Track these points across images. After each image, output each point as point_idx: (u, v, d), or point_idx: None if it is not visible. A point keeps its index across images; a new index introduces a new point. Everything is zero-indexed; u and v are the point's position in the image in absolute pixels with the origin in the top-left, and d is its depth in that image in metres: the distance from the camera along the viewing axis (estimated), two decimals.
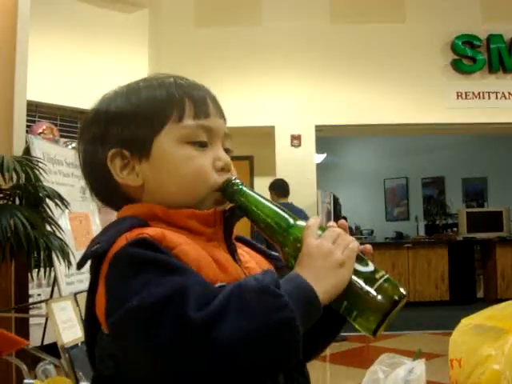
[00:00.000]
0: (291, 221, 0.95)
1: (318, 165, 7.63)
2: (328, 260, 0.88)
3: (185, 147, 0.97)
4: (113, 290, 0.85)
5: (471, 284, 9.42)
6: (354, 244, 0.91)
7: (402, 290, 0.88)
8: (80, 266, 0.92)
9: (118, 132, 0.99)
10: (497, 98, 7.42)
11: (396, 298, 0.87)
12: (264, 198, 0.98)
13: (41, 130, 4.74)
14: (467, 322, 1.43)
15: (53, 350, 2.59)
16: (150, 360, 0.80)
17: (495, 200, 11.57)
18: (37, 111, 5.61)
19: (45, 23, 5.53)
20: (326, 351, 1.05)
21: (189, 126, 0.97)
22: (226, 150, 1.03)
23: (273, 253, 1.09)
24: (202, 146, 0.98)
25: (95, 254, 0.89)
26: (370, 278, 0.88)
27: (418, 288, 8.79)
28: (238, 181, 0.98)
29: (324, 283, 0.86)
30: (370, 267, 0.90)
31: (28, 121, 3.89)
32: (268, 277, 0.84)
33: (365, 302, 0.87)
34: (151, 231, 0.87)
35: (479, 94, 7.41)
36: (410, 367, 1.22)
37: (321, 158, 10.11)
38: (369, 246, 0.95)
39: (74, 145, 4.23)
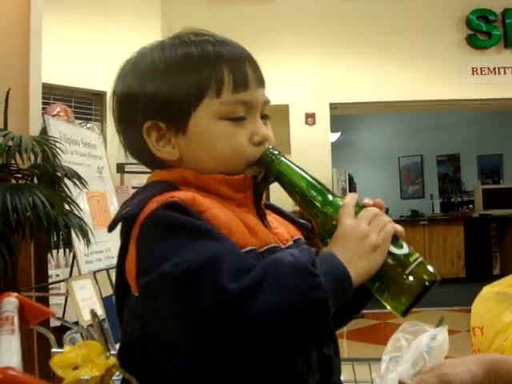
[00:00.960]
0: (329, 197, 0.94)
1: (332, 143, 7.60)
2: (363, 243, 0.88)
3: (222, 123, 0.96)
4: (144, 252, 0.86)
5: (487, 261, 9.40)
6: (389, 226, 0.91)
7: (434, 273, 0.89)
8: (111, 229, 0.94)
9: (152, 98, 0.97)
10: None
11: (427, 283, 0.87)
12: (302, 170, 0.97)
13: (55, 112, 4.75)
14: (489, 290, 1.43)
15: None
16: (180, 326, 0.81)
17: (511, 177, 11.49)
18: (51, 93, 5.62)
19: (58, 4, 5.52)
20: (343, 328, 1.06)
21: (227, 102, 0.96)
22: (265, 117, 1.02)
23: (301, 220, 1.09)
24: (240, 119, 0.97)
25: (126, 217, 0.90)
26: (403, 261, 0.89)
27: (434, 265, 8.73)
28: (276, 151, 0.97)
29: (358, 266, 0.86)
30: (405, 249, 0.90)
31: (42, 103, 3.89)
32: (305, 254, 0.84)
33: (397, 284, 0.88)
34: (182, 195, 0.88)
35: (494, 69, 7.33)
36: (432, 334, 1.21)
37: (335, 136, 10.07)
38: (400, 229, 0.94)
39: (89, 125, 4.25)
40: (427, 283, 0.87)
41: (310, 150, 6.93)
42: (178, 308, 0.79)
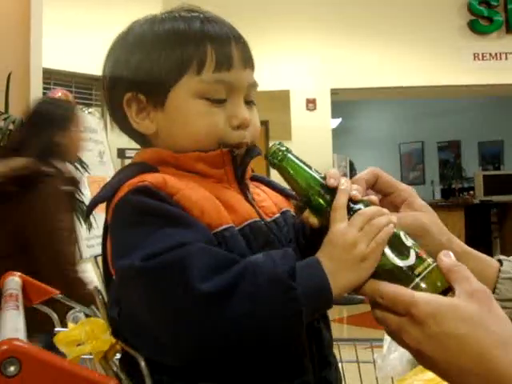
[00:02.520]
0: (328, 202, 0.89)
1: (333, 129, 7.60)
2: (350, 253, 0.83)
3: (200, 102, 0.93)
4: (116, 238, 0.87)
5: (488, 247, 9.40)
6: (384, 233, 0.85)
7: (443, 285, 0.81)
8: (87, 214, 0.94)
9: (135, 69, 0.96)
10: None
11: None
12: (308, 170, 0.92)
13: (56, 97, 4.75)
14: None
15: None
16: (149, 318, 0.80)
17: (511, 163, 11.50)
18: (52, 78, 5.61)
19: None
20: (344, 313, 1.05)
21: (207, 80, 0.93)
22: (249, 102, 0.99)
23: (292, 192, 1.05)
24: (220, 102, 0.94)
25: (98, 202, 0.91)
26: (407, 274, 0.82)
27: None
28: (283, 147, 0.93)
29: (341, 277, 0.82)
30: (411, 259, 0.83)
31: (43, 88, 3.89)
32: (286, 262, 0.81)
33: None
34: (152, 178, 0.86)
35: (496, 54, 7.31)
36: None
37: (336, 122, 10.06)
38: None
39: (90, 110, 4.25)
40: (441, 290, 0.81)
41: (311, 136, 6.93)
42: (147, 302, 0.79)
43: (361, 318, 5.50)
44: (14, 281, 1.00)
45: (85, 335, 0.81)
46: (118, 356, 0.92)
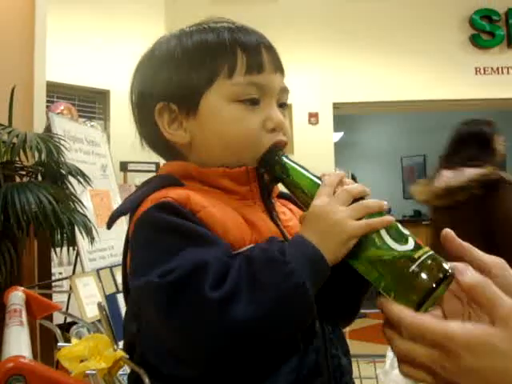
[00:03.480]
0: None
1: (335, 143, 7.60)
2: (331, 225, 0.83)
3: (234, 106, 0.93)
4: (136, 253, 0.87)
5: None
6: (377, 221, 0.83)
7: (443, 270, 0.80)
8: (109, 225, 0.93)
9: (166, 82, 0.96)
10: None
11: (433, 284, 0.79)
12: (306, 173, 0.92)
13: (59, 110, 4.76)
14: None
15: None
16: (167, 334, 0.81)
17: None
18: (55, 91, 5.63)
19: (62, 3, 5.53)
20: (345, 328, 1.04)
21: (239, 83, 0.93)
22: (282, 105, 0.99)
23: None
24: (253, 103, 0.94)
25: (121, 214, 0.91)
26: (408, 257, 0.81)
27: None
28: (280, 152, 0.93)
29: (328, 242, 0.82)
30: (409, 245, 0.83)
31: (46, 101, 3.90)
32: (273, 245, 0.83)
33: (402, 283, 0.81)
34: (175, 194, 0.86)
35: (498, 69, 7.32)
36: None
37: (338, 136, 10.06)
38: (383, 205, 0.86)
39: (93, 123, 4.25)
40: (433, 284, 0.79)
41: (313, 150, 6.93)
42: (164, 317, 0.79)
43: (363, 332, 5.48)
44: (18, 296, 1.00)
45: (88, 351, 0.81)
46: (121, 372, 0.92)
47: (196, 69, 0.95)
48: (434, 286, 0.79)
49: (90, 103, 6.18)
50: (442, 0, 7.29)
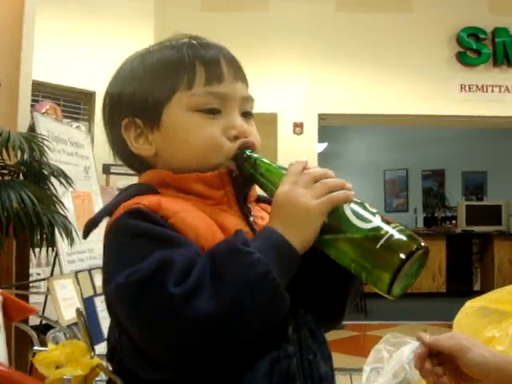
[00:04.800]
0: None
1: (319, 154, 7.62)
2: (294, 207, 0.83)
3: (195, 116, 0.94)
4: (107, 260, 0.88)
5: (468, 277, 9.46)
6: (338, 194, 0.85)
7: (411, 243, 0.79)
8: (85, 235, 0.94)
9: (130, 98, 0.98)
10: (500, 91, 7.39)
11: (403, 255, 0.77)
12: (274, 168, 0.93)
13: (44, 110, 4.72)
14: (471, 305, 1.44)
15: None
16: (137, 333, 0.81)
17: (494, 194, 11.58)
18: (40, 91, 5.59)
19: (51, 3, 5.50)
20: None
21: (198, 93, 0.94)
22: (246, 114, 1.00)
23: None
24: (214, 113, 0.95)
25: (94, 222, 0.92)
26: (372, 236, 0.80)
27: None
28: (247, 150, 0.94)
29: (295, 227, 0.82)
30: (375, 222, 0.82)
31: (31, 100, 3.87)
32: (237, 237, 0.82)
33: (369, 262, 0.80)
34: (147, 201, 0.87)
35: (483, 86, 7.39)
36: (414, 346, 1.22)
37: (322, 146, 10.10)
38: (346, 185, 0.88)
39: (77, 124, 4.23)
40: (403, 255, 0.77)
41: (297, 159, 6.93)
42: (132, 316, 0.80)
43: (340, 343, 5.49)
44: None
45: (65, 357, 0.80)
46: (98, 379, 0.91)
47: (157, 83, 0.97)
48: (404, 258, 0.77)
49: (75, 104, 6.15)
50: (430, 17, 7.35)
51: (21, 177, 2.71)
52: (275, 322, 0.82)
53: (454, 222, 10.33)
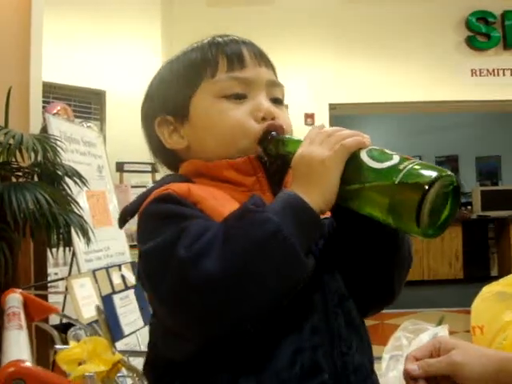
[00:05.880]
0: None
1: None
2: (310, 163, 0.82)
3: (220, 101, 0.95)
4: (139, 243, 0.89)
5: (485, 262, 9.41)
6: (350, 140, 0.82)
7: (433, 172, 0.75)
8: (120, 224, 0.96)
9: (160, 98, 1.02)
10: None
11: (423, 185, 0.73)
12: (298, 142, 0.90)
13: (55, 111, 4.75)
14: (489, 290, 1.44)
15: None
16: (158, 301, 0.84)
17: (509, 178, 11.52)
18: (51, 92, 5.62)
19: (59, 3, 5.52)
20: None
21: (221, 79, 0.96)
22: (275, 100, 1.00)
23: None
24: (239, 98, 0.96)
25: (127, 211, 0.95)
26: (391, 173, 0.76)
27: (432, 266, 8.79)
28: (273, 132, 0.94)
29: (313, 184, 0.81)
30: (394, 160, 0.78)
31: (42, 102, 3.89)
32: (251, 200, 0.82)
33: (391, 201, 0.75)
34: (177, 187, 0.89)
35: (494, 70, 7.33)
36: (433, 333, 1.22)
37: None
38: (367, 141, 0.84)
39: (89, 124, 4.25)
40: (424, 184, 0.73)
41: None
42: (152, 284, 0.82)
43: None
44: (16, 298, 1.00)
45: (87, 354, 0.81)
46: (120, 374, 0.92)
47: (183, 79, 1.00)
48: (426, 187, 0.73)
49: (86, 104, 6.17)
50: (438, 2, 7.30)
51: (35, 178, 2.73)
52: (293, 288, 0.78)
53: (469, 207, 10.28)
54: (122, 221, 0.96)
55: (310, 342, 0.85)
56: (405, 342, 1.28)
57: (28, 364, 0.53)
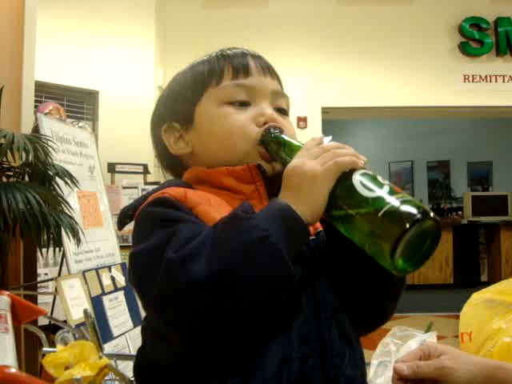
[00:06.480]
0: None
1: None
2: (302, 175, 0.82)
3: (224, 108, 0.97)
4: (132, 244, 0.89)
5: (475, 267, 9.44)
6: (345, 158, 0.84)
7: (417, 213, 0.74)
8: (119, 226, 0.97)
9: (168, 108, 1.04)
10: (504, 81, 7.37)
11: (404, 224, 0.73)
12: (297, 145, 0.91)
13: (47, 111, 4.74)
14: (478, 297, 1.44)
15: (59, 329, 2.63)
16: (145, 302, 0.84)
17: (500, 184, 11.56)
18: (43, 91, 5.60)
19: (52, 3, 5.51)
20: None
21: (226, 86, 0.98)
22: (280, 110, 1.02)
23: None
24: (243, 105, 0.97)
25: (124, 212, 0.96)
26: (377, 205, 0.76)
27: (423, 271, 8.79)
28: (274, 130, 0.94)
29: (303, 196, 0.81)
30: (380, 192, 0.79)
31: (34, 101, 3.88)
32: (240, 206, 0.82)
33: (371, 231, 0.76)
34: (173, 192, 0.89)
35: (486, 77, 7.37)
36: (421, 339, 1.22)
37: (327, 140, 10.06)
38: (361, 161, 0.87)
39: (81, 124, 4.24)
40: (405, 223, 0.73)
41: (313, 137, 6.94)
42: (139, 284, 0.83)
43: None
44: (3, 300, 0.99)
45: (74, 358, 0.81)
46: (107, 378, 0.91)
47: (189, 88, 1.01)
48: (407, 226, 0.73)
49: (78, 104, 6.16)
50: (431, 7, 7.33)
51: (26, 178, 2.72)
52: (279, 293, 0.78)
53: (460, 212, 10.32)
54: (121, 224, 0.97)
55: (299, 352, 0.85)
56: (393, 348, 1.28)
57: (12, 370, 0.53)
